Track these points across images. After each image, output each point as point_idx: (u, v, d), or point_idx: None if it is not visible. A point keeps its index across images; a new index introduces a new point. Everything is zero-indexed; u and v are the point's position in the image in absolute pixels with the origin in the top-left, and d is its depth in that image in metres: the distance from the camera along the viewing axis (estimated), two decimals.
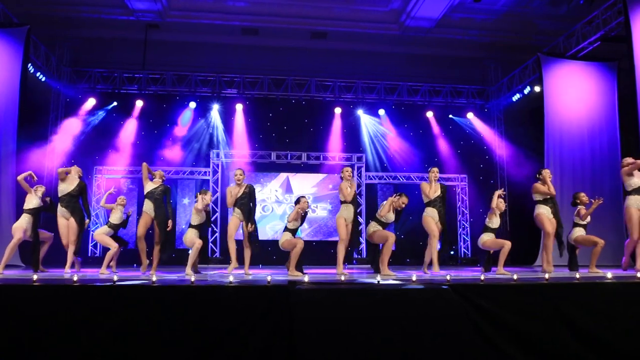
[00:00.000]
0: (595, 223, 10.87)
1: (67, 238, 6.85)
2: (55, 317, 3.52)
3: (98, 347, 3.49)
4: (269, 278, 4.21)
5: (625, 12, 9.40)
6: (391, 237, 6.74)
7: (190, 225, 6.81)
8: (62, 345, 3.48)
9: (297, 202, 6.82)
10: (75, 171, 7.01)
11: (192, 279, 4.05)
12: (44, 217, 8.31)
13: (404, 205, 7.01)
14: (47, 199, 7.12)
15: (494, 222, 7.09)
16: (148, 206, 6.96)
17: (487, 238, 7.01)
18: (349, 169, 7.31)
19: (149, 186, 7.01)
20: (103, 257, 12.08)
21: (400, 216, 7.18)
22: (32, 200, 6.84)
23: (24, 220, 6.76)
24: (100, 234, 7.15)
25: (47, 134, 12.44)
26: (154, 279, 4.05)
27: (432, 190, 7.20)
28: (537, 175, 7.41)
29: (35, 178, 7.01)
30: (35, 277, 3.90)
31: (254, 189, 7.13)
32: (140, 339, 3.60)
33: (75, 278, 3.91)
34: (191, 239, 6.67)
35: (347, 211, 6.99)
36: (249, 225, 6.83)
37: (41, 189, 7.01)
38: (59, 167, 12.42)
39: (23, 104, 10.16)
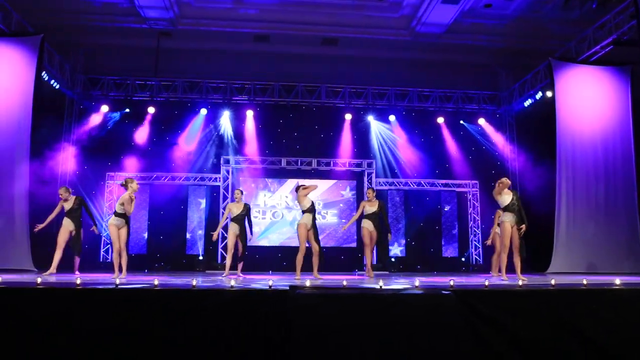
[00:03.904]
0: (610, 228, 10.82)
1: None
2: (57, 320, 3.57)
3: (97, 349, 3.53)
4: (270, 282, 4.22)
5: (637, 15, 9.29)
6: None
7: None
8: (65, 348, 3.52)
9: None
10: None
11: (194, 282, 4.07)
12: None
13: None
14: None
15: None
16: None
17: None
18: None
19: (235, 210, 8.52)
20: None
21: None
22: None
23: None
24: None
25: (61, 140, 12.64)
26: (157, 282, 4.09)
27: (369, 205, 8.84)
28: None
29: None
30: (39, 279, 3.95)
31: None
32: (140, 342, 3.63)
33: (78, 281, 3.96)
34: None
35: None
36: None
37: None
38: (72, 172, 12.66)
39: (37, 111, 10.34)
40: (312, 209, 7.74)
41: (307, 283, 4.22)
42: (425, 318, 3.89)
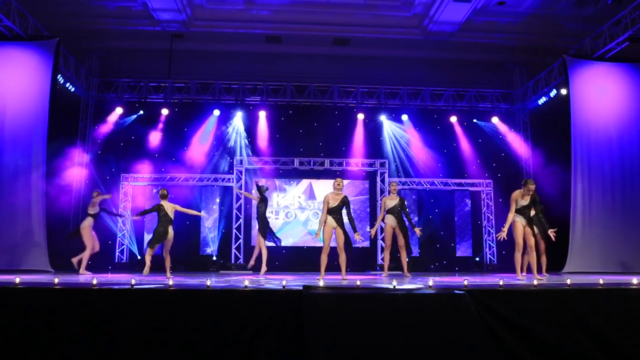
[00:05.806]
0: (626, 227, 10.68)
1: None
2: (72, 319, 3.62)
3: (112, 348, 3.57)
4: (284, 282, 4.23)
5: None
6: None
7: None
8: (77, 346, 3.57)
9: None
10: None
11: (208, 283, 4.11)
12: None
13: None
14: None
15: None
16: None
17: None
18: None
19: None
20: (129, 263, 12.34)
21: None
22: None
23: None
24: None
25: (76, 142, 12.79)
26: (171, 282, 4.12)
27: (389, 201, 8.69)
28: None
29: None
30: (56, 280, 4.01)
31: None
32: (155, 341, 3.66)
33: (94, 282, 4.01)
34: None
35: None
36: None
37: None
38: (87, 174, 12.80)
39: (53, 114, 10.48)
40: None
41: (321, 283, 4.23)
42: (439, 317, 3.88)
